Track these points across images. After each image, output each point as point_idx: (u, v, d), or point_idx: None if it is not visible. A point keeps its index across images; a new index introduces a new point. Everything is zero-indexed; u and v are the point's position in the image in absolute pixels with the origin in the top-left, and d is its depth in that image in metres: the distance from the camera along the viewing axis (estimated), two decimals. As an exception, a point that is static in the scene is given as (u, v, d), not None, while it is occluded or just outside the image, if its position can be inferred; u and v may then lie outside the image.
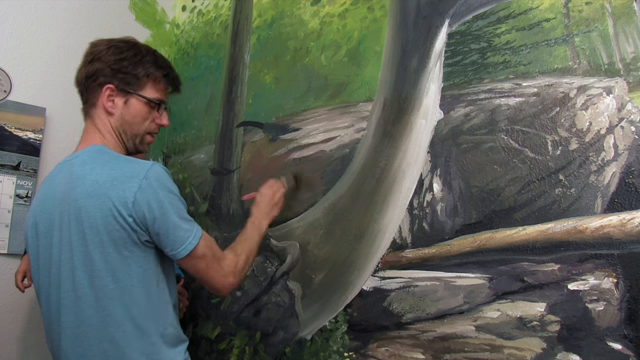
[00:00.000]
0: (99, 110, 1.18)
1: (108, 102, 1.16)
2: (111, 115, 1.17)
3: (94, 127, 1.18)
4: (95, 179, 1.05)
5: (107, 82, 1.15)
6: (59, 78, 1.97)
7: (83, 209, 1.04)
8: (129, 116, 1.18)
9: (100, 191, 1.03)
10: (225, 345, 1.73)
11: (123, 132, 1.19)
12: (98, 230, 1.03)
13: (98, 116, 1.18)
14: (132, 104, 1.18)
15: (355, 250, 1.45)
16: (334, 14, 1.69)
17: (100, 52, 1.16)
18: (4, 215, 1.78)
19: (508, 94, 1.24)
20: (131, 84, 1.17)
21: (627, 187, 1.04)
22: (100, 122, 1.18)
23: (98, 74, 1.15)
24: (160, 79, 1.22)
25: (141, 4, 2.29)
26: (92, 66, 1.16)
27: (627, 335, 1.00)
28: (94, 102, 1.18)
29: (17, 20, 1.88)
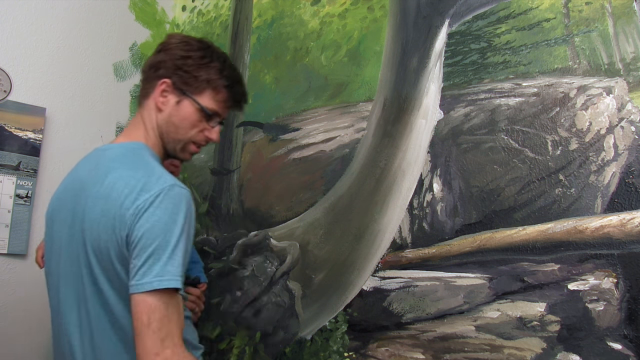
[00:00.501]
0: (150, 103, 1.10)
1: (160, 97, 1.08)
2: (160, 111, 1.09)
3: (141, 119, 1.11)
4: (114, 181, 0.97)
5: (165, 75, 1.07)
6: (59, 78, 1.97)
7: (90, 208, 0.97)
8: (177, 118, 1.08)
9: (112, 195, 0.95)
10: (225, 345, 1.73)
11: (166, 133, 1.10)
12: (95, 235, 0.95)
13: (148, 109, 1.10)
14: (183, 106, 1.08)
15: (355, 250, 1.45)
16: (334, 14, 1.69)
17: (169, 45, 1.09)
18: (4, 215, 1.78)
19: (508, 94, 1.24)
20: (189, 85, 1.07)
21: (627, 187, 1.04)
22: (148, 116, 1.10)
23: (160, 65, 1.08)
24: (222, 89, 1.10)
25: (141, 4, 2.29)
26: (157, 56, 1.09)
27: (627, 335, 1.00)
28: (149, 93, 1.10)
29: (17, 20, 1.88)
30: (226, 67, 1.12)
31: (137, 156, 1.03)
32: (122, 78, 2.19)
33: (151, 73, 1.10)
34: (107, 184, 0.97)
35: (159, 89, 1.08)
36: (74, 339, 1.01)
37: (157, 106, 1.09)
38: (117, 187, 0.96)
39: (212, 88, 1.09)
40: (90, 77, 2.07)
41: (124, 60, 2.20)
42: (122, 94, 2.18)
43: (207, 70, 1.08)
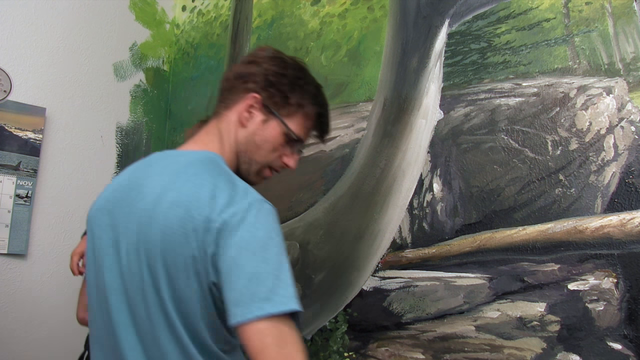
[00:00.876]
0: (232, 115, 1.00)
1: (246, 112, 0.98)
2: (242, 127, 0.99)
3: (217, 130, 1.01)
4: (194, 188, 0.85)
5: (255, 90, 0.98)
6: (59, 78, 1.97)
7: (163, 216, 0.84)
8: (260, 138, 0.99)
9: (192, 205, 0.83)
10: (225, 345, 1.73)
11: (244, 152, 1.00)
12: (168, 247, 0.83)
13: (228, 121, 1.00)
14: (269, 127, 0.99)
15: (355, 250, 1.45)
16: (334, 14, 1.69)
17: (263, 58, 1.01)
18: (4, 215, 1.78)
19: (508, 94, 1.24)
20: (279, 105, 0.99)
21: (627, 187, 1.04)
22: (226, 129, 1.00)
23: (250, 77, 0.99)
24: (312, 116, 1.03)
25: (141, 4, 2.29)
26: (248, 68, 1.00)
27: (627, 335, 1.00)
28: (231, 105, 1.00)
29: (17, 20, 1.88)
30: (320, 94, 1.04)
31: (218, 166, 0.92)
32: (122, 78, 2.19)
33: (238, 84, 1.00)
34: (185, 191, 0.85)
35: (246, 103, 0.98)
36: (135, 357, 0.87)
37: (241, 121, 0.99)
38: (199, 195, 0.83)
39: (303, 113, 1.01)
40: (90, 77, 2.07)
41: (124, 60, 2.20)
42: (122, 94, 2.18)
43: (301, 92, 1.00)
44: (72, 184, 1.97)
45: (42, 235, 1.86)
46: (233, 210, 0.81)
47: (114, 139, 2.14)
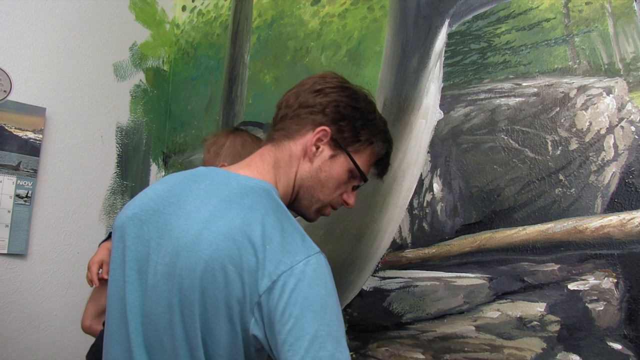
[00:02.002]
0: (295, 147, 0.91)
1: (314, 146, 0.90)
2: (307, 161, 0.91)
3: (274, 159, 0.91)
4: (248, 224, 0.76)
5: (324, 123, 0.90)
6: (59, 78, 1.97)
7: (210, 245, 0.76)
8: (326, 175, 0.91)
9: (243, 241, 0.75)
10: (225, 345, 1.73)
11: (305, 188, 0.92)
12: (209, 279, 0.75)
13: (290, 152, 0.91)
14: (337, 163, 0.91)
15: (355, 250, 1.45)
16: (334, 14, 1.69)
17: (333, 87, 0.92)
18: (4, 215, 1.78)
19: (508, 94, 1.24)
20: (348, 140, 0.91)
21: (627, 187, 1.04)
22: (287, 161, 0.91)
23: (319, 108, 0.90)
24: (379, 154, 0.96)
25: (141, 4, 2.29)
26: (317, 97, 0.91)
27: (627, 335, 1.00)
28: (295, 135, 0.91)
29: (17, 20, 1.88)
30: (388, 131, 0.98)
31: (274, 202, 0.83)
32: (122, 78, 2.19)
33: (304, 113, 0.91)
34: (238, 223, 0.76)
35: (315, 136, 0.89)
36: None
37: (307, 154, 0.90)
38: (253, 234, 0.75)
39: (372, 151, 0.94)
40: (90, 77, 2.07)
41: (124, 60, 2.20)
42: (122, 94, 2.18)
43: (373, 129, 0.94)
44: (72, 184, 1.97)
45: (42, 235, 1.86)
46: (291, 262, 0.73)
47: (114, 139, 2.14)
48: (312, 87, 0.93)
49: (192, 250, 0.76)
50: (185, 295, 0.76)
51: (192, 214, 0.80)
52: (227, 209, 0.79)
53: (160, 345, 0.79)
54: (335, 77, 0.96)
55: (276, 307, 0.71)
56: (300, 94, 0.93)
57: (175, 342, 0.77)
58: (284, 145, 0.92)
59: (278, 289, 0.72)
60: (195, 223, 0.78)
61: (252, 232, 0.75)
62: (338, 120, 0.90)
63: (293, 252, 0.74)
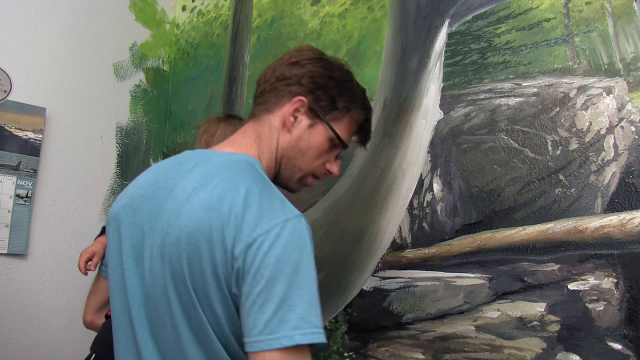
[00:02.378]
0: (274, 119, 0.93)
1: (291, 116, 0.92)
2: (286, 132, 0.93)
3: (256, 134, 0.94)
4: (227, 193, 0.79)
5: (301, 93, 0.92)
6: (59, 78, 1.97)
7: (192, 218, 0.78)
8: (305, 144, 0.93)
9: (222, 211, 0.76)
10: (225, 345, 1.73)
11: (287, 158, 0.94)
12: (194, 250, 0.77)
13: (269, 125, 0.94)
14: (316, 132, 0.93)
15: (355, 250, 1.45)
16: (334, 14, 1.69)
17: (308, 59, 0.94)
18: (4, 215, 1.78)
19: (508, 94, 1.24)
20: (325, 109, 0.93)
21: (627, 187, 1.04)
22: (268, 133, 0.93)
23: (295, 79, 0.93)
24: (359, 121, 0.98)
25: (141, 4, 2.29)
26: (292, 69, 0.93)
27: (627, 335, 1.00)
28: (273, 108, 0.94)
29: (17, 20, 1.88)
30: (366, 98, 0.99)
31: (256, 173, 0.86)
32: (122, 78, 2.19)
33: (281, 85, 0.94)
34: (218, 194, 0.79)
35: (292, 107, 0.92)
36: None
37: (286, 125, 0.92)
38: (234, 204, 0.77)
39: (350, 118, 0.96)
40: (90, 77, 2.07)
41: (124, 60, 2.20)
42: (122, 94, 2.18)
43: (349, 96, 0.95)
44: (72, 184, 1.97)
45: (42, 235, 1.86)
46: (267, 225, 0.74)
47: (114, 139, 2.14)
48: (288, 60, 0.95)
49: (176, 225, 0.78)
50: (176, 270, 0.78)
51: (180, 194, 0.82)
52: (209, 182, 0.81)
53: (162, 325, 0.81)
54: (311, 49, 0.97)
55: (249, 269, 0.72)
56: (277, 68, 0.96)
57: (174, 319, 0.78)
58: (263, 119, 0.94)
59: (253, 251, 0.72)
60: (181, 201, 0.81)
61: (232, 200, 0.77)
62: (314, 89, 0.92)
63: (271, 216, 0.75)
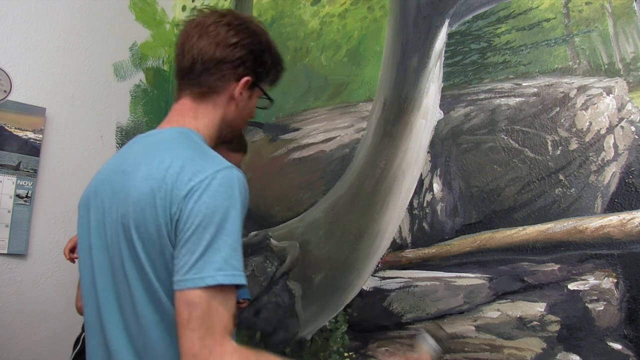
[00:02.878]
0: (220, 98, 1.00)
1: (239, 94, 1.00)
2: (235, 107, 1.01)
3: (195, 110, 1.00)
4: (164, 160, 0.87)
5: (246, 74, 0.99)
6: (59, 78, 1.97)
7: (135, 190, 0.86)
8: (247, 111, 1.04)
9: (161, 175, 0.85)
10: (225, 345, 1.73)
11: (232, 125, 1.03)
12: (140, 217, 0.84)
13: (214, 103, 1.00)
14: (253, 97, 1.04)
15: (355, 250, 1.45)
16: (334, 14, 1.69)
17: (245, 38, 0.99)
18: (4, 215, 1.78)
19: (508, 94, 1.24)
20: (262, 79, 1.03)
21: (627, 187, 1.04)
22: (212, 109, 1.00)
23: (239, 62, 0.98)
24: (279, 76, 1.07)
25: (141, 4, 2.29)
26: (234, 52, 0.98)
27: (627, 335, 1.00)
28: (218, 89, 0.99)
29: (17, 20, 1.88)
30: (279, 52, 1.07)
31: (189, 139, 0.94)
32: (122, 78, 2.19)
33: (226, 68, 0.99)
34: (156, 164, 0.87)
35: (241, 87, 0.99)
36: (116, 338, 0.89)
37: (234, 101, 1.00)
38: (169, 167, 0.85)
39: (274, 74, 1.05)
40: (90, 77, 2.07)
41: (124, 60, 2.20)
42: (122, 94, 2.18)
43: (276, 62, 1.04)
44: (72, 184, 1.97)
45: (42, 235, 1.86)
46: (199, 177, 0.82)
47: (114, 139, 2.14)
48: (225, 40, 0.99)
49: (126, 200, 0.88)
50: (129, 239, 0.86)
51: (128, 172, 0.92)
52: (147, 156, 0.90)
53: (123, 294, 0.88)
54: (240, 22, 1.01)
55: (182, 217, 0.80)
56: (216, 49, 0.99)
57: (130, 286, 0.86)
58: (207, 98, 1.00)
59: (186, 200, 0.80)
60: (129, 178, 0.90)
61: (167, 165, 0.85)
62: (256, 68, 1.00)
63: (202, 170, 0.83)
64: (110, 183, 0.95)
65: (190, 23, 1.02)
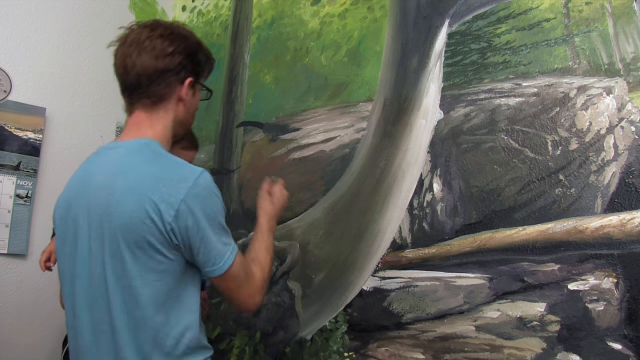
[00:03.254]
0: (169, 103, 1.10)
1: (185, 95, 1.10)
2: (183, 107, 1.12)
3: (150, 119, 1.09)
4: (140, 175, 0.98)
5: (188, 75, 1.09)
6: (59, 78, 1.97)
7: (121, 204, 0.97)
8: (193, 107, 1.15)
9: (143, 190, 0.96)
10: (225, 345, 1.73)
11: (183, 122, 1.14)
12: (132, 230, 0.96)
13: (165, 109, 1.10)
14: (197, 94, 1.16)
15: (355, 250, 1.45)
16: (334, 14, 1.69)
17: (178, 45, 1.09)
18: (4, 215, 1.78)
19: (508, 94, 1.24)
20: (200, 75, 1.14)
21: (627, 187, 1.04)
22: (163, 115, 1.10)
23: (179, 67, 1.08)
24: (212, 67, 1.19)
25: (141, 4, 2.29)
26: (173, 59, 1.07)
27: (627, 335, 1.00)
28: (167, 96, 1.09)
29: (17, 20, 1.88)
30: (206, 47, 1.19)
31: (153, 150, 1.04)
32: (122, 78, 2.18)
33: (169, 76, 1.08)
34: (133, 178, 0.98)
35: (185, 89, 1.09)
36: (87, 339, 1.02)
37: (182, 102, 1.11)
38: (146, 180, 0.97)
39: (208, 68, 1.18)
40: (90, 77, 2.07)
41: (124, 60, 2.19)
42: (122, 94, 2.18)
43: (207, 57, 1.15)
44: (72, 184, 1.97)
45: (42, 235, 1.86)
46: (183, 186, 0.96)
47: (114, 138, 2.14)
48: (163, 51, 1.09)
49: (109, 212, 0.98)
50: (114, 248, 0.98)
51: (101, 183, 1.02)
52: (119, 170, 1.01)
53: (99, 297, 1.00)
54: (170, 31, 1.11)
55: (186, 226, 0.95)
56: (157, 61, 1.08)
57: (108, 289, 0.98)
58: (157, 107, 1.10)
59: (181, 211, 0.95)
60: (105, 190, 1.00)
61: (143, 178, 0.97)
62: (194, 68, 1.11)
63: (183, 179, 0.97)
64: (87, 197, 1.04)
65: (124, 42, 1.13)
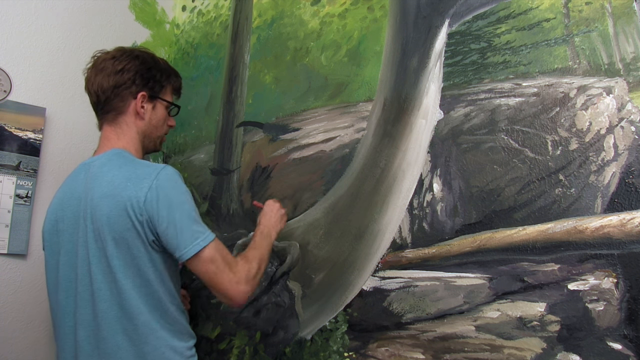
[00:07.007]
0: (128, 117, 1.26)
1: (140, 109, 1.26)
2: (142, 120, 1.27)
3: (116, 133, 1.26)
4: (111, 180, 1.13)
5: (139, 90, 1.26)
6: (59, 78, 1.97)
7: (98, 208, 1.11)
8: (155, 120, 1.30)
9: (116, 191, 1.11)
10: (225, 345, 1.73)
11: (148, 135, 1.30)
12: (112, 228, 1.09)
13: (125, 122, 1.26)
14: (158, 108, 1.31)
15: (355, 250, 1.45)
16: (334, 14, 1.69)
17: (128, 63, 1.26)
18: (4, 215, 1.78)
19: (508, 94, 1.24)
20: (157, 90, 1.29)
21: (627, 187, 1.04)
22: (126, 128, 1.26)
23: (129, 82, 1.24)
24: (176, 85, 1.36)
25: (141, 4, 2.29)
26: (123, 76, 1.24)
27: (627, 335, 1.00)
28: (123, 109, 1.26)
29: (17, 20, 1.88)
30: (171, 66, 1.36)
31: (123, 157, 1.20)
32: (122, 78, 2.18)
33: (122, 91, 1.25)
34: (106, 184, 1.13)
35: (138, 102, 1.26)
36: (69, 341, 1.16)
37: (139, 116, 1.27)
38: (117, 183, 1.11)
39: (171, 86, 1.34)
40: (90, 77, 2.06)
41: (124, 60, 2.19)
42: (122, 94, 2.18)
43: (164, 73, 1.31)
44: (72, 184, 1.96)
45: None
46: (147, 182, 1.10)
47: (114, 139, 2.14)
48: (113, 69, 1.25)
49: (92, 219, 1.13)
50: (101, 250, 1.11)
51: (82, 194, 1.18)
52: (95, 179, 1.16)
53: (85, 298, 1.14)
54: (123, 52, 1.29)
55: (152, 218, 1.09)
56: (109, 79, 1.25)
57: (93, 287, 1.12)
58: (118, 120, 1.27)
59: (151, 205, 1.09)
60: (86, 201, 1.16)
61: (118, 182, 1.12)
62: (146, 83, 1.27)
63: (147, 177, 1.11)
64: (70, 209, 1.19)
65: (90, 68, 1.30)
